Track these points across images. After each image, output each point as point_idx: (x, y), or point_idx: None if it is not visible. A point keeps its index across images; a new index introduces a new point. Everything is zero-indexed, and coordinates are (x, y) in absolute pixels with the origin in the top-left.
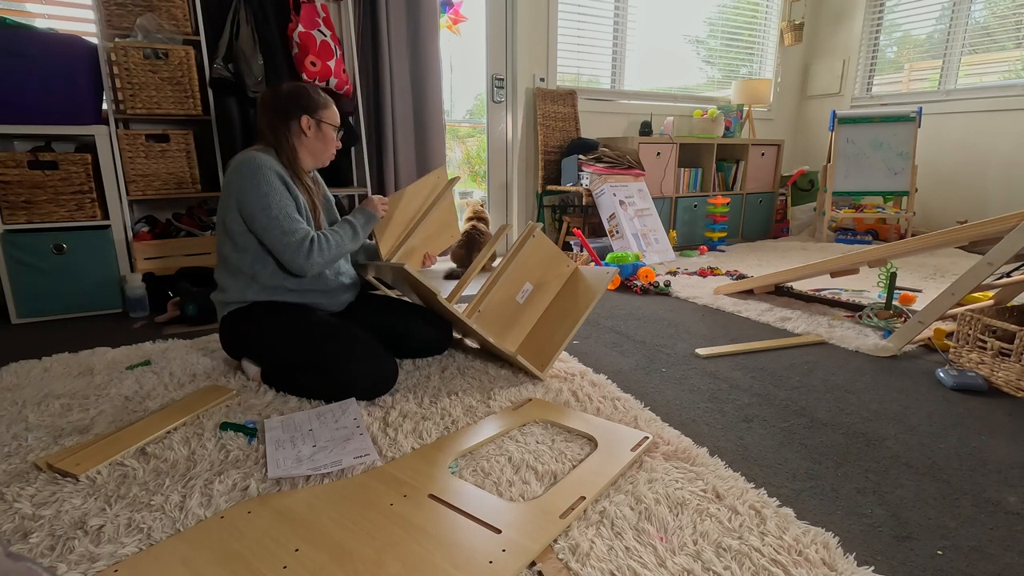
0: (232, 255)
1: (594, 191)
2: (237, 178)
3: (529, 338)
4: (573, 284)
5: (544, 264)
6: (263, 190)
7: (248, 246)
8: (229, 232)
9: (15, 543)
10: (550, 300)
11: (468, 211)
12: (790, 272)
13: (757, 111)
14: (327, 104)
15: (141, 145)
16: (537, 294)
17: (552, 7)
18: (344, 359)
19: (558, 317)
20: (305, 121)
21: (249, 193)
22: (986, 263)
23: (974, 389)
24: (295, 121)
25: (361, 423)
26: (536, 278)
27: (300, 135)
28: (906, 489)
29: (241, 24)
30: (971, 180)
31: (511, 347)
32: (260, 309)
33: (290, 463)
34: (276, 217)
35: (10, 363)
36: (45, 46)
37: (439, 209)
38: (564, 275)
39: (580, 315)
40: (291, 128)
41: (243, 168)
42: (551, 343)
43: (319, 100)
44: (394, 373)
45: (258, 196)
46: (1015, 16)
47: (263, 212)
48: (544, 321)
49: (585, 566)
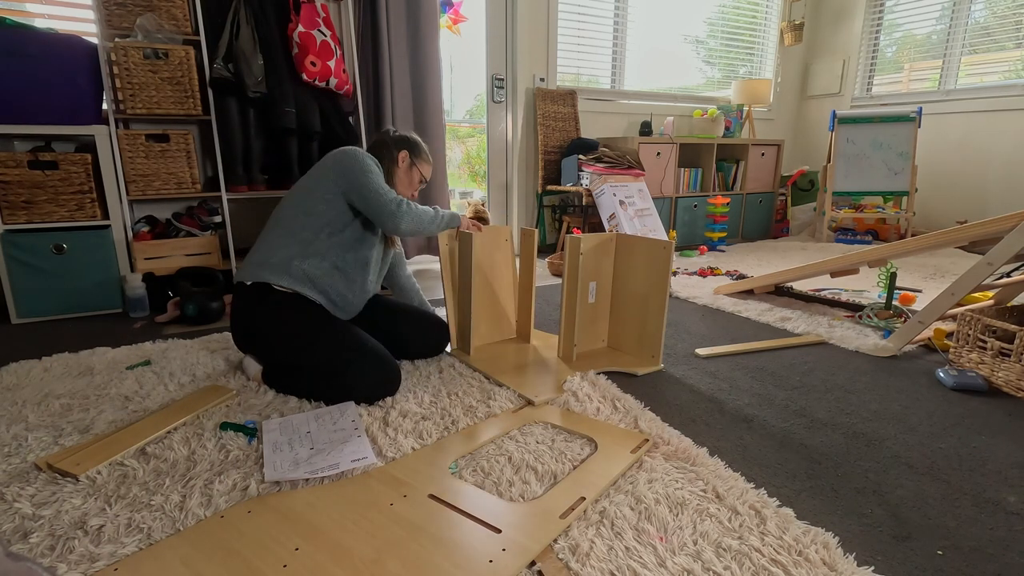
0: (298, 219)
1: (594, 191)
2: (342, 158)
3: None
4: (627, 255)
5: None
6: (367, 166)
7: (323, 213)
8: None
9: (15, 543)
10: (610, 280)
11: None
12: (790, 272)
13: (757, 111)
14: (426, 160)
15: (141, 145)
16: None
17: (552, 7)
18: (353, 364)
19: (635, 303)
20: (403, 155)
21: (353, 169)
22: (986, 263)
23: (974, 389)
24: (397, 151)
25: (359, 425)
26: (592, 274)
27: (395, 163)
28: (906, 489)
29: (241, 24)
30: (971, 180)
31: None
32: (286, 299)
33: (287, 466)
34: (377, 184)
35: (10, 363)
36: (45, 46)
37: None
38: (610, 248)
39: (662, 297)
40: (393, 154)
41: (348, 153)
42: (647, 335)
43: (423, 153)
44: (398, 379)
45: (362, 171)
46: (1015, 16)
47: (366, 179)
48: (620, 307)
49: (585, 566)
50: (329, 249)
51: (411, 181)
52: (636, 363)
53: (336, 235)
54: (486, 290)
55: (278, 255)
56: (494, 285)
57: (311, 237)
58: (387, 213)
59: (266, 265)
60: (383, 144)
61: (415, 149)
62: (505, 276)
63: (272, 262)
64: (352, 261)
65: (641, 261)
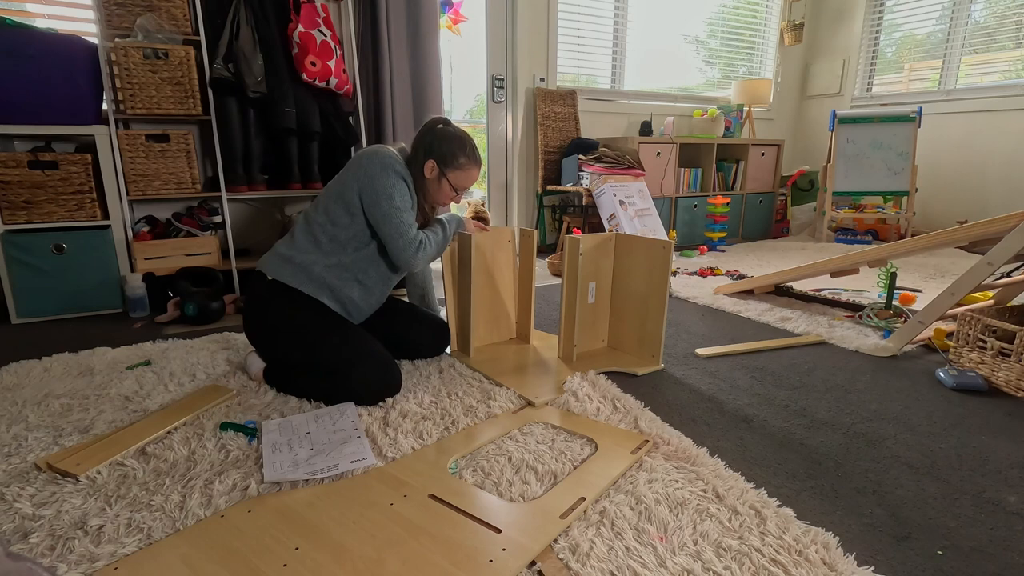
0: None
1: (594, 191)
2: (368, 166)
3: (614, 328)
4: (626, 255)
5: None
6: (390, 190)
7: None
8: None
9: (15, 543)
10: (610, 280)
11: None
12: (790, 272)
13: (757, 111)
14: (461, 167)
15: (141, 145)
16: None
17: (552, 7)
18: (356, 366)
19: (635, 303)
20: (430, 165)
21: (376, 191)
22: (986, 263)
23: (974, 389)
24: (425, 158)
25: (359, 426)
26: (591, 274)
27: (421, 171)
28: (906, 489)
29: (241, 24)
30: (971, 180)
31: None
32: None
33: (287, 467)
34: (399, 209)
35: (10, 363)
36: (45, 46)
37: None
38: (609, 248)
39: (662, 297)
40: (420, 161)
41: (375, 160)
42: (647, 334)
43: (458, 161)
44: (399, 382)
45: (386, 195)
46: (1015, 16)
47: (387, 208)
48: (620, 306)
49: (585, 566)
50: (354, 263)
51: (442, 191)
52: (636, 363)
53: (362, 249)
54: (487, 291)
55: (303, 257)
56: (495, 286)
57: (337, 249)
58: (403, 256)
59: (290, 262)
60: (418, 145)
61: (446, 158)
62: (506, 277)
63: (297, 261)
64: (375, 276)
65: (641, 261)
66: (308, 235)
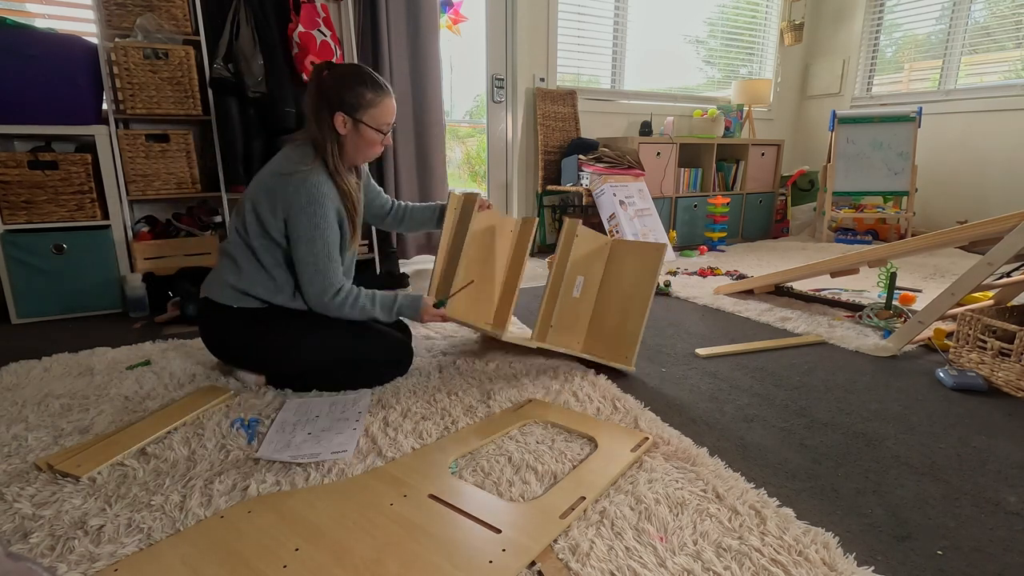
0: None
1: (594, 191)
2: (295, 198)
3: (594, 330)
4: (619, 260)
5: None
6: (316, 222)
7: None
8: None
9: (15, 543)
10: (598, 283)
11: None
12: (790, 272)
13: (757, 111)
14: (372, 103)
15: (141, 145)
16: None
17: (552, 7)
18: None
19: (618, 302)
20: (340, 119)
21: (301, 220)
22: (986, 263)
23: (974, 389)
24: (332, 116)
25: (361, 419)
26: (583, 268)
27: (336, 133)
28: (906, 489)
29: (241, 24)
30: (971, 180)
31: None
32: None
33: (280, 447)
34: (317, 255)
35: (10, 363)
36: (45, 46)
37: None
38: (604, 253)
39: (646, 298)
40: (329, 124)
41: (303, 192)
42: (626, 333)
43: (364, 98)
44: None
45: (309, 227)
46: (1015, 16)
47: (308, 244)
48: (602, 308)
49: (585, 566)
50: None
51: (365, 140)
52: (610, 358)
53: None
54: (476, 266)
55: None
56: (485, 268)
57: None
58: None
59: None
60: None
61: (350, 104)
62: (499, 265)
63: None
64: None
65: (631, 268)
66: (247, 253)
